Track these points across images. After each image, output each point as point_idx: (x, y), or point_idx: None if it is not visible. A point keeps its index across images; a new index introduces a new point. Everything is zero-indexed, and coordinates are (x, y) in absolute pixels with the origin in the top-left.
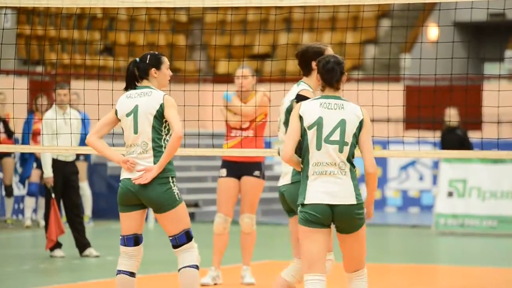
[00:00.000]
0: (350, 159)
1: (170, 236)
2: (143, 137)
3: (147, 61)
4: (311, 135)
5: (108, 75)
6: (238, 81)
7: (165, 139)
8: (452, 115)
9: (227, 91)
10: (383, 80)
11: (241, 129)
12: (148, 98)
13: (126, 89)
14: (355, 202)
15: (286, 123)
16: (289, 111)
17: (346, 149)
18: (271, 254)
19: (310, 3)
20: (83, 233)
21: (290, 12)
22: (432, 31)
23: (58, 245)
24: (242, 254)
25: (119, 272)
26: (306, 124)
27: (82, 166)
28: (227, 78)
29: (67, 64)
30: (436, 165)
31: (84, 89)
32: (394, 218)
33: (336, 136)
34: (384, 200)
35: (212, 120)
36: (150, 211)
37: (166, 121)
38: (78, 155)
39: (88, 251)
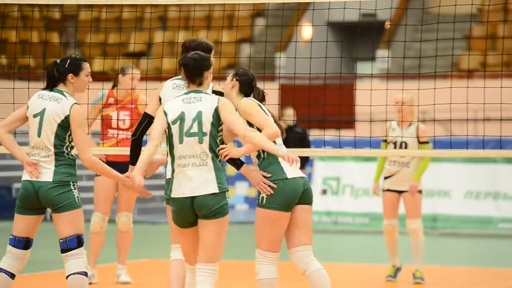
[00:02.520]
0: (213, 148)
1: (61, 239)
2: (46, 142)
3: (66, 66)
4: (175, 130)
5: None
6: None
7: (68, 146)
8: (289, 115)
9: (103, 89)
10: (258, 78)
11: (119, 129)
12: (56, 104)
13: (47, 88)
14: (217, 191)
15: None
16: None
17: (206, 139)
18: (146, 253)
19: (185, 1)
20: None
21: (165, 10)
22: (306, 31)
23: None
24: (118, 253)
25: (0, 270)
26: (169, 120)
27: None
28: (102, 76)
29: None
30: (310, 162)
31: None
32: None
33: (195, 128)
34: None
35: (87, 118)
36: None
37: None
38: None
39: None
